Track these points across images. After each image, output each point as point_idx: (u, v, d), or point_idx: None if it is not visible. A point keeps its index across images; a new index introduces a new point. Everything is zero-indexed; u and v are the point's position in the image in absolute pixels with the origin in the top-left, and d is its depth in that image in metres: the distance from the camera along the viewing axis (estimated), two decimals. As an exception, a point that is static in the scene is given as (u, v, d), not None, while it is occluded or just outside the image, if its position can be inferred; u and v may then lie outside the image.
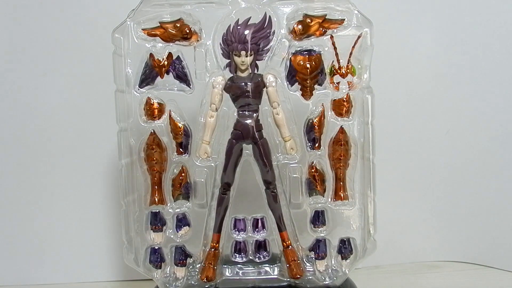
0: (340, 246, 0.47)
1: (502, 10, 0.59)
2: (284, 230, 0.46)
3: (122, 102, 0.44)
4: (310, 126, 0.46)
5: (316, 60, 0.44)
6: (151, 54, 0.44)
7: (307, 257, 0.48)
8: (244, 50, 0.43)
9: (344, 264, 0.47)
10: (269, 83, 0.44)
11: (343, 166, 0.46)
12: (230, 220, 0.48)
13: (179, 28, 0.43)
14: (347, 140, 0.46)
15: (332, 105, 0.45)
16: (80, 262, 0.63)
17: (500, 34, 0.59)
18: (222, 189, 0.46)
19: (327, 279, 0.47)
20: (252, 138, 0.44)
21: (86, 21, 0.60)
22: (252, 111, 0.44)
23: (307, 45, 0.44)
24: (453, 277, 0.62)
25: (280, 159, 0.46)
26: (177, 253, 0.47)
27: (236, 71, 0.44)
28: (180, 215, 0.47)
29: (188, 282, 0.47)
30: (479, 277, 0.62)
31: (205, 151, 0.45)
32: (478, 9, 0.60)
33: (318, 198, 0.47)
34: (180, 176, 0.46)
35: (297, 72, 0.44)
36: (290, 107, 0.45)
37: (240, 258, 0.48)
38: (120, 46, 0.44)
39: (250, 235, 0.48)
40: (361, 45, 0.44)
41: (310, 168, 0.46)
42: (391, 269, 0.64)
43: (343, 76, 0.44)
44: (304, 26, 0.43)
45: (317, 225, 0.47)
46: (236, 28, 0.43)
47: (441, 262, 0.65)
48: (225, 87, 0.44)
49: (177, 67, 0.45)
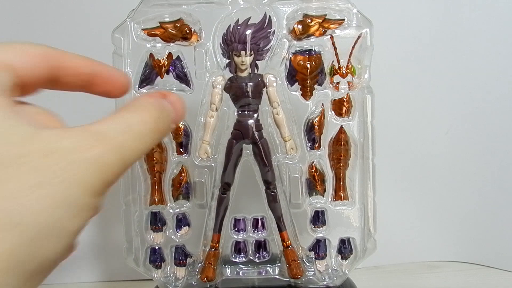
0: (340, 246, 0.47)
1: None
2: (284, 230, 0.46)
3: (122, 102, 0.44)
4: (310, 126, 0.46)
5: (316, 60, 0.44)
6: (151, 54, 0.44)
7: (307, 257, 0.48)
8: (244, 50, 0.43)
9: (344, 264, 0.47)
10: (269, 83, 0.44)
11: (343, 166, 0.46)
12: (230, 220, 0.48)
13: (179, 28, 0.43)
14: (347, 140, 0.46)
15: (332, 105, 0.45)
16: (80, 262, 0.63)
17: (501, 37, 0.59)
18: (222, 189, 0.46)
19: (327, 279, 0.47)
20: (252, 138, 0.44)
21: (86, 21, 0.59)
22: (252, 111, 0.44)
23: (307, 45, 0.44)
24: (453, 277, 0.62)
25: (280, 159, 0.46)
26: (177, 253, 0.47)
27: (236, 71, 0.44)
28: (180, 215, 0.47)
29: (188, 282, 0.47)
30: (479, 277, 0.62)
31: (205, 151, 0.45)
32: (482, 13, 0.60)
33: (318, 198, 0.47)
34: (180, 176, 0.46)
35: (297, 72, 0.44)
36: (290, 107, 0.45)
37: (240, 258, 0.48)
38: (120, 46, 0.44)
39: (250, 235, 0.48)
40: (361, 45, 0.44)
41: (310, 168, 0.46)
42: (391, 269, 0.64)
43: (343, 76, 0.44)
44: (304, 26, 0.43)
45: (317, 225, 0.47)
46: (236, 28, 0.43)
47: (441, 262, 0.65)
48: (225, 87, 0.44)
49: (177, 67, 0.45)
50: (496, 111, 0.61)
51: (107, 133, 0.24)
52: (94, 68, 0.28)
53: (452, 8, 0.60)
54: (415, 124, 0.63)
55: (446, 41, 0.61)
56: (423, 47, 0.61)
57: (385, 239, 0.48)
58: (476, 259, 0.64)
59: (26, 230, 0.20)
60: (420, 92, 0.62)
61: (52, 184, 0.21)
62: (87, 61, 0.28)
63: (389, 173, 0.57)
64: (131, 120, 0.25)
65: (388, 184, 0.54)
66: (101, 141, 0.23)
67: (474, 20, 0.60)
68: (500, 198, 0.62)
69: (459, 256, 0.65)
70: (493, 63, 0.60)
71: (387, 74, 0.57)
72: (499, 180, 0.62)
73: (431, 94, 0.62)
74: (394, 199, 0.62)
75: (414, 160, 0.63)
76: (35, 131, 0.22)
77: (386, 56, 0.51)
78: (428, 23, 0.61)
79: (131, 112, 0.26)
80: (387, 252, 0.60)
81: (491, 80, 0.60)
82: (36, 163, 0.21)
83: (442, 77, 0.62)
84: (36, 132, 0.22)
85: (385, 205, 0.49)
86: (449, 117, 0.62)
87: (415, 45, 0.61)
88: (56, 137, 0.22)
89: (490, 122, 0.61)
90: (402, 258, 0.65)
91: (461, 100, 0.62)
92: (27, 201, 0.20)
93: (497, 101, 0.61)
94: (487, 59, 0.60)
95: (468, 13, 0.60)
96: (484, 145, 0.62)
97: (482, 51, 0.60)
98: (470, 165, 0.63)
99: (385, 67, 0.51)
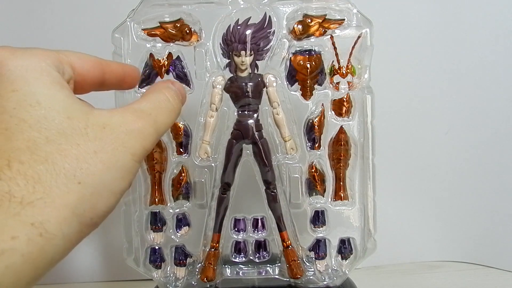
0: (340, 246, 0.47)
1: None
2: (284, 230, 0.46)
3: (122, 102, 0.44)
4: (310, 126, 0.45)
5: (316, 60, 0.44)
6: (151, 54, 0.44)
7: (307, 257, 0.47)
8: (244, 50, 0.43)
9: (344, 264, 0.47)
10: (269, 83, 0.44)
11: (343, 166, 0.46)
12: (230, 220, 0.48)
13: (179, 28, 0.43)
14: (347, 140, 0.46)
15: (332, 105, 0.45)
16: (80, 262, 0.63)
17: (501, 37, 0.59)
18: (222, 189, 0.46)
19: (327, 279, 0.47)
20: (252, 138, 0.44)
21: (85, 20, 0.59)
22: (252, 111, 0.44)
23: (307, 45, 0.44)
24: (453, 277, 0.62)
25: (280, 159, 0.46)
26: (177, 253, 0.47)
27: (236, 71, 0.44)
28: (180, 215, 0.47)
29: (188, 282, 0.47)
30: (479, 277, 0.62)
31: (205, 151, 0.45)
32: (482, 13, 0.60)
33: (318, 198, 0.47)
34: (180, 176, 0.46)
35: (297, 72, 0.44)
36: (290, 107, 0.45)
37: (240, 258, 0.48)
38: (120, 46, 0.44)
39: (250, 235, 0.48)
40: (361, 45, 0.44)
41: (310, 168, 0.46)
42: (391, 269, 0.64)
43: (343, 76, 0.44)
44: (304, 26, 0.43)
45: (317, 225, 0.47)
46: (236, 28, 0.43)
47: (441, 262, 0.65)
48: (225, 87, 0.44)
49: (177, 67, 0.45)
50: (496, 111, 0.61)
51: (144, 110, 0.30)
52: (125, 69, 0.35)
53: (452, 8, 0.60)
54: (415, 124, 0.63)
55: (446, 41, 0.61)
56: (423, 47, 0.61)
57: (385, 239, 0.48)
58: (476, 259, 0.64)
59: (86, 187, 0.25)
60: (420, 92, 0.62)
61: (107, 151, 0.27)
62: (119, 64, 0.36)
63: (389, 173, 0.57)
64: (159, 98, 0.32)
65: (388, 184, 0.54)
66: (141, 117, 0.29)
67: (474, 20, 0.60)
68: (500, 198, 0.62)
69: (459, 256, 0.65)
70: (493, 63, 0.60)
71: (387, 74, 0.57)
72: (499, 180, 0.62)
73: (431, 94, 0.62)
74: (394, 199, 0.62)
75: (414, 160, 0.63)
76: (90, 109, 0.28)
77: (386, 56, 0.51)
78: (428, 23, 0.61)
79: (157, 92, 0.33)
80: (387, 252, 0.60)
81: (491, 80, 0.60)
82: (96, 134, 0.27)
83: (442, 77, 0.62)
84: (91, 110, 0.28)
85: (385, 205, 0.49)
86: (449, 117, 0.62)
87: (415, 45, 0.61)
88: (107, 114, 0.28)
89: (490, 122, 0.61)
90: (402, 258, 0.65)
91: (461, 100, 0.62)
92: (88, 164, 0.26)
93: (497, 101, 0.61)
94: (487, 59, 0.60)
95: (468, 13, 0.60)
96: (484, 145, 0.62)
97: (482, 51, 0.60)
98: (470, 165, 0.63)
99: (385, 67, 0.51)
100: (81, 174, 0.25)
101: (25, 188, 0.23)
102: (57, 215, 0.24)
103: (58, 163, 0.25)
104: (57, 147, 0.25)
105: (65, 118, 0.26)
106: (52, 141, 0.25)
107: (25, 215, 0.23)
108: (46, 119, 0.26)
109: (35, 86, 0.26)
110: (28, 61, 0.27)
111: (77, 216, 0.25)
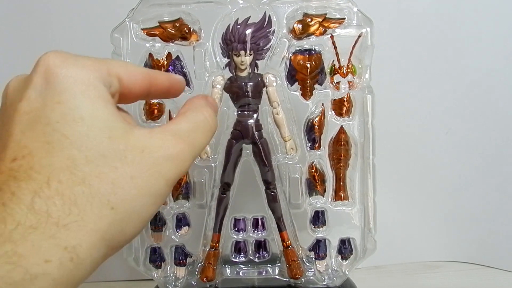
0: (340, 246, 0.47)
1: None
2: (284, 230, 0.46)
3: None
4: (310, 126, 0.45)
5: (316, 60, 0.44)
6: (150, 54, 0.44)
7: (307, 257, 0.47)
8: (243, 49, 0.42)
9: (344, 265, 0.47)
10: (269, 83, 0.44)
11: (343, 166, 0.46)
12: (230, 220, 0.47)
13: (178, 28, 0.43)
14: (348, 140, 0.45)
15: (332, 105, 0.45)
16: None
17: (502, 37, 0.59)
18: (222, 189, 0.46)
19: (327, 279, 0.46)
20: (252, 138, 0.44)
21: (85, 20, 0.59)
22: (252, 111, 0.44)
23: (307, 44, 0.44)
24: (453, 277, 0.62)
25: (280, 159, 0.46)
26: (177, 253, 0.47)
27: (236, 70, 0.44)
28: (180, 215, 0.47)
29: (188, 282, 0.47)
30: (479, 277, 0.61)
31: (204, 151, 0.45)
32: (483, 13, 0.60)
33: (318, 198, 0.46)
34: (179, 176, 0.46)
35: (297, 71, 0.44)
36: (290, 107, 0.45)
37: (240, 258, 0.48)
38: (119, 46, 0.44)
39: (250, 235, 0.48)
40: (361, 45, 0.44)
41: (310, 168, 0.46)
42: (391, 269, 0.64)
43: (344, 76, 0.44)
44: (304, 25, 0.43)
45: (317, 225, 0.47)
46: (236, 27, 0.42)
47: (441, 262, 0.65)
48: (225, 86, 0.44)
49: (176, 67, 0.44)
50: (496, 111, 0.61)
51: (182, 131, 0.29)
52: (171, 81, 0.34)
53: (453, 7, 0.60)
54: (415, 124, 0.63)
55: (447, 41, 0.61)
56: (423, 46, 0.61)
57: (385, 239, 0.48)
58: (476, 259, 0.64)
59: (118, 213, 0.25)
60: (420, 92, 0.62)
61: (143, 176, 0.26)
62: (166, 76, 0.34)
63: (389, 173, 0.57)
64: (196, 119, 0.31)
65: (388, 184, 0.54)
66: (179, 140, 0.28)
67: (475, 20, 0.60)
68: (500, 198, 0.62)
69: (459, 256, 0.65)
70: (493, 63, 0.60)
71: (388, 73, 0.57)
72: (499, 180, 0.61)
73: (431, 94, 0.62)
74: (394, 199, 0.62)
75: (414, 160, 0.63)
76: (130, 128, 0.27)
77: (386, 56, 0.50)
78: (429, 23, 0.60)
79: (195, 111, 0.31)
80: (387, 252, 0.60)
81: (491, 80, 0.60)
82: (135, 157, 0.26)
83: (442, 77, 0.62)
84: (131, 129, 0.27)
85: (385, 205, 0.49)
86: (449, 117, 0.62)
87: (416, 44, 0.61)
88: (146, 136, 0.27)
89: (490, 122, 0.61)
90: (402, 258, 0.65)
91: (461, 100, 0.62)
92: (123, 189, 0.25)
93: (497, 101, 0.60)
94: (487, 59, 0.60)
95: (469, 13, 0.60)
96: (484, 145, 0.62)
97: (482, 51, 0.60)
98: (470, 165, 0.63)
99: (385, 66, 0.51)
100: (115, 200, 0.25)
101: (62, 209, 0.23)
102: (88, 240, 0.24)
103: (95, 186, 0.24)
104: (95, 169, 0.25)
105: (106, 138, 0.25)
106: (91, 161, 0.25)
107: (59, 238, 0.23)
108: (87, 137, 0.25)
109: (80, 100, 0.26)
110: (77, 72, 0.26)
111: (106, 241, 0.25)
